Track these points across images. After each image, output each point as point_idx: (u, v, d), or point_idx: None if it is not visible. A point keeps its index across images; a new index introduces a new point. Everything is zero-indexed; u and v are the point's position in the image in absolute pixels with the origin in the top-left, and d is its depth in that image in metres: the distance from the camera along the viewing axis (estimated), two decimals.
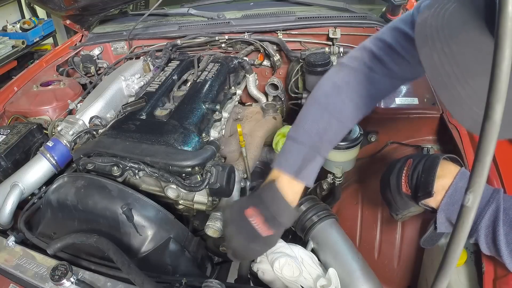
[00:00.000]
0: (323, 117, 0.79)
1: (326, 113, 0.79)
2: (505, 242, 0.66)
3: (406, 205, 0.83)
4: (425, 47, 0.54)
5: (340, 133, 0.82)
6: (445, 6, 0.55)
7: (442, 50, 0.52)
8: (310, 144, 0.77)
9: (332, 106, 0.79)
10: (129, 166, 1.01)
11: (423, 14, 0.57)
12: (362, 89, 0.80)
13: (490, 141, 0.33)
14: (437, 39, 0.53)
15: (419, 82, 1.29)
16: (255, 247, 0.77)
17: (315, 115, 0.80)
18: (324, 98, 0.81)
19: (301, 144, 0.78)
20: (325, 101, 0.80)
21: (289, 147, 0.80)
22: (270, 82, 1.61)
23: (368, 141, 1.25)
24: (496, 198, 0.69)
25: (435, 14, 0.55)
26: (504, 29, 0.31)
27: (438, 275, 0.40)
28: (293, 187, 0.77)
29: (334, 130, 0.80)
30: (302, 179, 0.77)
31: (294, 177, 0.76)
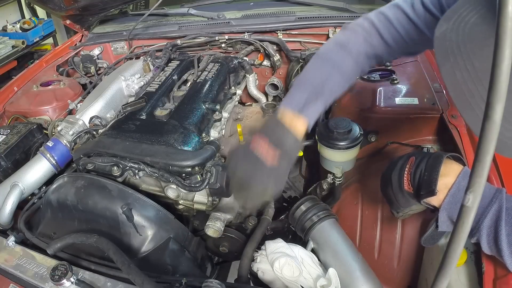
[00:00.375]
0: (324, 69, 0.85)
1: (328, 65, 0.85)
2: (506, 242, 0.66)
3: (408, 203, 0.83)
4: (446, 64, 0.51)
5: (341, 85, 0.86)
6: (464, 18, 0.53)
7: (465, 67, 0.49)
8: (312, 89, 0.83)
9: (333, 59, 0.86)
10: (129, 166, 1.01)
11: (441, 27, 0.55)
12: (361, 48, 0.86)
13: (490, 141, 0.33)
14: (459, 56, 0.50)
15: (419, 82, 1.29)
16: (261, 175, 0.75)
17: (317, 67, 0.87)
18: (326, 53, 0.88)
19: (304, 89, 0.83)
20: (327, 56, 0.87)
21: (293, 90, 0.85)
22: (270, 82, 1.61)
23: (368, 141, 1.25)
24: (499, 198, 0.69)
25: (455, 28, 0.52)
26: (504, 29, 0.31)
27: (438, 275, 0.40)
28: (297, 123, 0.80)
29: (335, 81, 0.85)
30: (305, 115, 0.80)
31: (298, 113, 0.80)
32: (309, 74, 0.86)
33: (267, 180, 0.77)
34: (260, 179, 0.76)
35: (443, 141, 1.19)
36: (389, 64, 1.40)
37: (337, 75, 0.85)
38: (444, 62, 0.52)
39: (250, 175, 0.76)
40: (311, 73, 0.86)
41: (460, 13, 0.54)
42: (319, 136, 1.11)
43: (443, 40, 0.53)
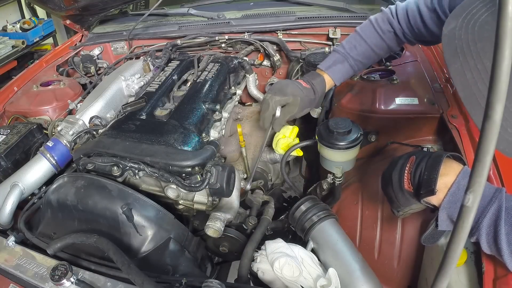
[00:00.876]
0: (356, 38, 1.13)
1: (359, 36, 1.13)
2: (506, 242, 0.66)
3: (408, 202, 0.83)
4: (455, 63, 0.50)
5: (367, 54, 1.12)
6: (474, 16, 0.51)
7: (475, 66, 0.48)
8: (342, 52, 1.13)
9: (364, 32, 1.12)
10: (129, 166, 1.01)
11: (450, 24, 0.53)
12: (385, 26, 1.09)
13: (490, 141, 0.33)
14: (468, 55, 0.49)
15: (419, 82, 1.29)
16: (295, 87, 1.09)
17: (352, 36, 1.15)
18: (360, 28, 1.14)
19: (336, 51, 1.15)
20: (360, 30, 1.14)
21: (329, 55, 1.17)
22: (270, 82, 1.61)
23: (368, 141, 1.25)
24: (499, 197, 0.69)
25: (464, 25, 0.51)
26: (504, 29, 0.31)
27: (438, 275, 0.40)
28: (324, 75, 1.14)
29: (361, 49, 1.11)
30: (330, 72, 1.13)
31: (325, 70, 1.14)
32: (344, 41, 1.15)
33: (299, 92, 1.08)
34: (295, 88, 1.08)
35: (443, 141, 1.19)
36: (389, 64, 1.40)
37: (364, 45, 1.11)
38: (453, 61, 0.50)
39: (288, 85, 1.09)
40: (345, 41, 1.15)
41: (469, 10, 0.52)
42: (319, 136, 1.11)
43: (452, 38, 0.52)
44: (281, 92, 1.08)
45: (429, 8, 0.97)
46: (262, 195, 1.24)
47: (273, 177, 1.37)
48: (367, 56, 1.13)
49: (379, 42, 1.11)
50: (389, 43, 1.12)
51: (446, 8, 0.93)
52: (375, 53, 1.13)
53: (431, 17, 0.97)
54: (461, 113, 1.12)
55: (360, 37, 1.12)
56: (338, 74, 1.13)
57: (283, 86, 1.09)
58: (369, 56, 1.13)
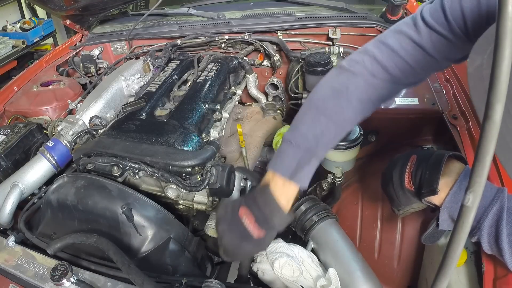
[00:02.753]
0: (320, 121, 0.76)
1: (323, 117, 0.76)
2: (507, 242, 0.66)
3: (409, 201, 0.83)
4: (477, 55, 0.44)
5: (338, 136, 0.79)
6: None
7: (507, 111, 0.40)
8: (306, 147, 0.75)
9: (330, 110, 0.76)
10: (129, 166, 1.01)
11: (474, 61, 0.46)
12: (362, 94, 0.76)
13: (490, 141, 0.33)
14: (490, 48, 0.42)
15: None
16: (245, 246, 0.76)
17: (312, 119, 0.77)
18: (322, 102, 0.78)
19: (297, 147, 0.76)
20: (323, 105, 0.77)
21: (284, 149, 0.78)
22: (270, 82, 1.61)
23: (368, 141, 1.25)
24: (501, 197, 0.69)
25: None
26: (504, 29, 0.31)
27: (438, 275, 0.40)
28: (287, 190, 0.76)
29: (331, 134, 0.77)
30: (297, 181, 0.75)
31: (289, 179, 0.75)
32: (303, 127, 0.77)
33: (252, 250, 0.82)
34: (246, 250, 0.78)
35: (443, 141, 1.19)
36: None
37: (333, 128, 0.77)
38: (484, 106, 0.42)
39: (236, 246, 0.77)
40: (305, 126, 0.77)
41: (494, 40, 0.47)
42: None
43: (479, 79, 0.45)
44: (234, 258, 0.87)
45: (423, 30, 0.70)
46: None
47: None
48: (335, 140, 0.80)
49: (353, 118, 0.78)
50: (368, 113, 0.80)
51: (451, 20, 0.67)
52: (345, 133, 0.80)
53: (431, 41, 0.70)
54: (461, 113, 1.12)
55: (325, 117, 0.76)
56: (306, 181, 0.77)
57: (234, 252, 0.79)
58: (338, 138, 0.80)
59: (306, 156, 0.75)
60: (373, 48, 0.76)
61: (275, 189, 0.75)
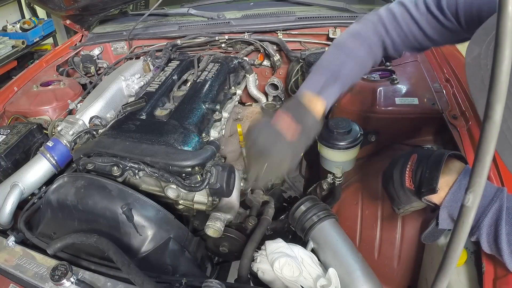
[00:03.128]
0: (340, 56, 0.89)
1: (343, 53, 0.90)
2: (506, 242, 0.66)
3: (409, 200, 0.83)
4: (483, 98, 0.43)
5: (355, 71, 0.91)
6: None
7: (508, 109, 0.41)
8: (330, 71, 0.87)
9: (347, 48, 0.90)
10: (129, 166, 1.01)
11: (473, 51, 0.48)
12: (372, 37, 0.91)
13: (490, 141, 0.33)
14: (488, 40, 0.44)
15: (419, 82, 1.29)
16: (281, 146, 0.79)
17: (333, 54, 0.91)
18: (341, 42, 0.92)
19: (322, 71, 0.88)
20: (342, 45, 0.92)
21: (312, 75, 0.89)
22: (270, 82, 1.61)
23: (368, 141, 1.25)
24: (500, 197, 0.69)
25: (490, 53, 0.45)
26: (504, 29, 0.31)
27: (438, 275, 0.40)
28: (315, 103, 0.84)
29: (350, 67, 0.89)
30: (323, 97, 0.84)
31: (317, 94, 0.84)
32: (326, 61, 0.91)
33: (285, 153, 0.81)
34: (279, 150, 0.80)
35: (443, 141, 1.19)
36: (389, 64, 1.40)
37: (351, 62, 0.89)
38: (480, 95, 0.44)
39: (270, 146, 0.80)
40: (327, 60, 0.91)
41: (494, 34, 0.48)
42: (319, 136, 1.10)
43: (477, 68, 0.46)
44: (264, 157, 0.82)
45: (422, 11, 0.82)
46: (262, 195, 1.24)
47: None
48: (354, 77, 0.92)
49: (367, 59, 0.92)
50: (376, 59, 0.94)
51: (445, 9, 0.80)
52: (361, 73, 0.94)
53: (427, 21, 0.83)
54: (461, 113, 1.12)
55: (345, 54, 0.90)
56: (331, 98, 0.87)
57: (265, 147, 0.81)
58: (356, 77, 0.93)
59: (331, 78, 0.86)
60: (382, 11, 0.91)
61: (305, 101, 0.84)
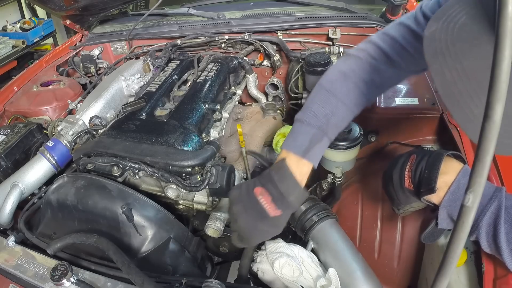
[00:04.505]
0: (330, 101, 0.81)
1: (333, 97, 0.82)
2: (505, 241, 0.67)
3: (408, 200, 0.84)
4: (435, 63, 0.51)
5: (346, 117, 0.84)
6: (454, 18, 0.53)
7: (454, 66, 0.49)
8: (318, 125, 0.79)
9: (339, 91, 0.82)
10: (129, 166, 1.01)
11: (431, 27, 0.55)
12: (367, 76, 0.83)
13: (490, 141, 0.33)
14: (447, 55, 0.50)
15: (419, 82, 1.29)
16: (262, 227, 0.76)
17: (322, 99, 0.82)
18: (331, 84, 0.84)
19: (309, 125, 0.80)
20: (332, 87, 0.83)
21: (297, 128, 0.82)
22: (270, 82, 1.61)
23: (368, 141, 1.25)
24: (498, 196, 0.69)
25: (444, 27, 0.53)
26: (504, 29, 0.31)
27: (438, 275, 0.40)
28: (301, 167, 0.78)
29: (340, 114, 0.82)
30: (309, 159, 0.78)
31: (302, 157, 0.77)
32: (314, 107, 0.82)
33: (268, 231, 0.78)
34: (262, 230, 0.77)
35: (443, 141, 1.19)
36: None
37: (342, 107, 0.82)
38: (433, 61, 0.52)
39: (253, 227, 0.77)
40: (315, 106, 0.82)
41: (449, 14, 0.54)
42: None
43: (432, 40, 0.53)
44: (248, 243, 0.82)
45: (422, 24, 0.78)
46: None
47: None
48: (345, 122, 0.85)
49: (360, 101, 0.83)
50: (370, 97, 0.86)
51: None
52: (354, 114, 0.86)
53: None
54: None
55: (335, 97, 0.82)
56: (317, 158, 0.81)
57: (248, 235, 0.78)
58: (347, 121, 0.85)
59: (318, 134, 0.79)
60: (376, 37, 0.85)
61: (290, 166, 0.76)
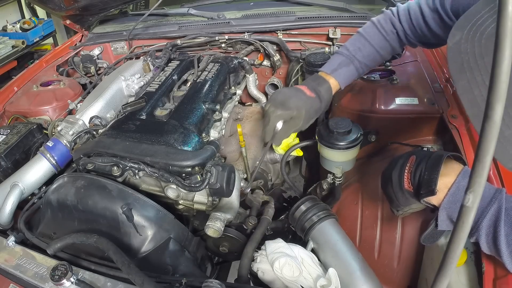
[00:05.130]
0: (360, 40, 1.09)
1: (362, 38, 1.09)
2: (505, 243, 0.67)
3: (408, 202, 0.84)
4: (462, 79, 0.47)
5: (372, 55, 1.08)
6: (480, 27, 0.48)
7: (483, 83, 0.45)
8: (347, 55, 1.07)
9: (367, 34, 1.09)
10: (129, 166, 1.01)
11: (454, 36, 0.51)
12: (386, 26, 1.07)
13: (490, 141, 0.33)
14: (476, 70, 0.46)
15: (419, 82, 1.29)
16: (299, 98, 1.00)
17: (354, 38, 1.11)
18: (363, 30, 1.11)
19: (340, 53, 1.09)
20: (363, 31, 1.10)
21: (332, 57, 1.12)
22: (270, 82, 1.61)
23: (368, 141, 1.25)
24: (499, 198, 0.69)
25: (470, 38, 0.48)
26: (504, 29, 0.31)
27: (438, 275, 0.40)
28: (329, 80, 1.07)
29: (366, 50, 1.08)
30: (336, 76, 1.06)
31: (330, 73, 1.07)
32: (347, 43, 1.10)
33: (303, 105, 0.99)
34: (298, 100, 0.99)
35: (443, 141, 1.19)
36: (389, 64, 1.40)
37: (369, 46, 1.07)
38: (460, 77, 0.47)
39: (291, 95, 1.00)
40: (348, 43, 1.10)
41: (475, 21, 0.50)
42: (319, 136, 1.11)
43: (458, 52, 0.49)
44: (283, 106, 0.99)
45: (431, 9, 0.95)
46: (262, 195, 1.24)
47: (273, 177, 1.37)
48: (372, 59, 1.09)
49: (383, 44, 1.08)
50: (392, 45, 1.09)
51: (448, 9, 0.90)
52: (380, 55, 1.10)
53: (433, 18, 0.96)
54: (461, 113, 1.12)
55: (364, 38, 1.08)
56: (343, 78, 1.07)
57: (286, 98, 1.00)
58: (374, 58, 1.09)
59: (346, 60, 1.07)
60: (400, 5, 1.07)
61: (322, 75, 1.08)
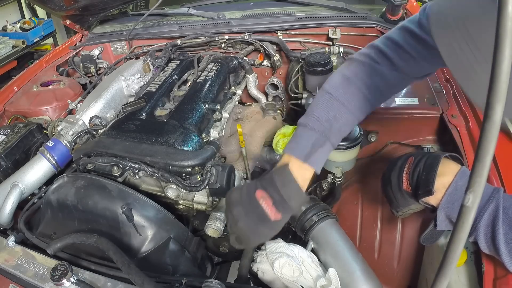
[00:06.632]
0: (333, 106, 0.81)
1: (336, 102, 0.81)
2: (504, 241, 0.67)
3: (407, 202, 0.84)
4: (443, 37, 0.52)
5: (350, 122, 0.83)
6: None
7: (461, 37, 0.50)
8: (321, 130, 0.79)
9: (342, 96, 0.81)
10: (129, 166, 1.01)
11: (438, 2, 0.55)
12: (370, 80, 0.82)
13: (490, 141, 0.33)
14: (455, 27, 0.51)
15: (419, 82, 1.29)
16: (263, 230, 0.75)
17: (325, 104, 0.81)
18: (334, 88, 0.83)
19: (312, 130, 0.79)
20: (335, 92, 0.82)
21: (300, 132, 0.82)
22: (270, 82, 1.61)
23: (368, 141, 1.25)
24: (496, 197, 0.69)
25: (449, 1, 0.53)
26: (504, 29, 0.31)
27: (438, 275, 0.40)
28: (303, 172, 0.77)
29: (343, 119, 0.81)
30: (311, 164, 0.78)
31: (303, 161, 0.77)
32: (317, 111, 0.81)
33: (268, 234, 0.77)
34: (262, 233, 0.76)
35: (443, 141, 1.19)
36: None
37: (345, 112, 0.81)
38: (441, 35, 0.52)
39: (253, 230, 0.75)
40: (318, 111, 0.81)
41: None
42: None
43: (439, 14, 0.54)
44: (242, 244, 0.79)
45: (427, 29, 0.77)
46: None
47: None
48: (348, 127, 0.84)
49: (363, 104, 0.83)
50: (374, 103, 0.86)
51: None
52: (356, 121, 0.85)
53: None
54: (461, 113, 1.12)
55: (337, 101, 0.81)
56: (320, 162, 0.80)
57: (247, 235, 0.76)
58: (350, 126, 0.85)
59: (321, 139, 0.79)
60: (379, 42, 0.85)
61: (293, 170, 0.76)
